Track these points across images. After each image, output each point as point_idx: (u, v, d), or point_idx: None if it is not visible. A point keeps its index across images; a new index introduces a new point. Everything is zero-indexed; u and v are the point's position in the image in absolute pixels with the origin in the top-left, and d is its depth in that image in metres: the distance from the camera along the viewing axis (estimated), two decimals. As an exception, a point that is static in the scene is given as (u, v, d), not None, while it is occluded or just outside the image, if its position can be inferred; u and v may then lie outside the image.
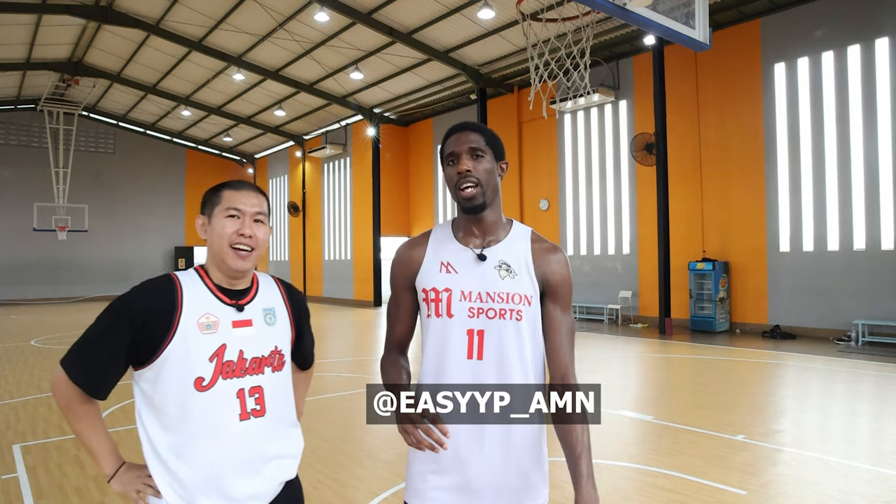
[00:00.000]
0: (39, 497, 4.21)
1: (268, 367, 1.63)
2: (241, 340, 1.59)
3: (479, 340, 1.61)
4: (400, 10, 14.54)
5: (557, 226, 16.94)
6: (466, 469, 1.58)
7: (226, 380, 1.55)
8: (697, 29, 3.93)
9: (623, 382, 8.38)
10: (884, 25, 11.13)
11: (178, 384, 1.51)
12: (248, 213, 1.63)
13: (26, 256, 25.32)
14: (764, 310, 12.78)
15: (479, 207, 1.66)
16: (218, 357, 1.54)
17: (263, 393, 1.60)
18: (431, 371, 1.64)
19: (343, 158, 24.11)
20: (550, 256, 1.70)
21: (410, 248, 1.74)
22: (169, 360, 1.51)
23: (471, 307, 1.62)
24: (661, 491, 4.16)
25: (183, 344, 1.52)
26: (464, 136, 1.67)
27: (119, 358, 1.52)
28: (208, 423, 1.52)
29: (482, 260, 1.66)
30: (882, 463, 4.70)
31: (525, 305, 1.64)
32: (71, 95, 23.29)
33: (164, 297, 1.54)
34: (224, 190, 1.65)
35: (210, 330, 1.55)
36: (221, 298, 1.61)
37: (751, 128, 12.94)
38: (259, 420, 1.59)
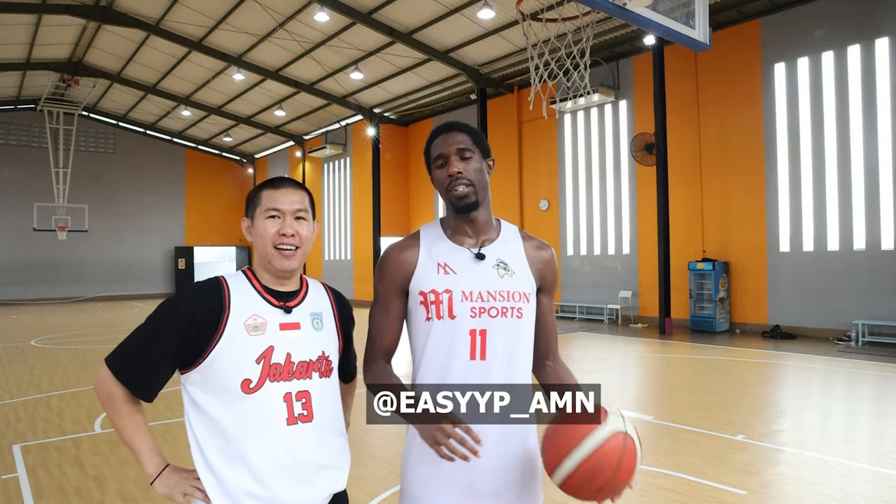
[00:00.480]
0: (39, 497, 4.21)
1: (315, 371, 1.59)
2: (289, 343, 1.56)
3: (481, 340, 1.59)
4: (400, 10, 14.54)
5: (557, 226, 16.94)
6: (469, 471, 1.55)
7: (273, 382, 1.52)
8: (697, 29, 3.93)
9: (623, 382, 8.37)
10: (884, 25, 11.13)
11: (225, 386, 1.49)
12: (288, 212, 1.60)
13: (26, 256, 25.32)
14: (764, 310, 12.78)
15: (473, 206, 1.65)
16: (265, 359, 1.52)
17: (311, 398, 1.57)
18: (434, 374, 1.61)
19: (343, 158, 24.11)
20: (543, 253, 1.73)
21: (401, 250, 1.69)
22: (216, 362, 1.50)
23: (472, 307, 1.60)
24: (661, 491, 4.16)
25: (230, 345, 1.50)
26: (450, 137, 1.66)
27: (166, 360, 1.50)
28: (256, 426, 1.50)
29: (481, 259, 1.65)
30: (882, 463, 4.70)
31: (524, 303, 1.64)
32: (71, 95, 23.29)
33: (211, 298, 1.54)
34: (263, 190, 1.63)
35: (257, 332, 1.53)
36: (269, 300, 1.59)
37: (751, 128, 12.94)
38: (307, 426, 1.55)
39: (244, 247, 31.52)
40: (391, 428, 6.05)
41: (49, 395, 7.58)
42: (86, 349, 11.68)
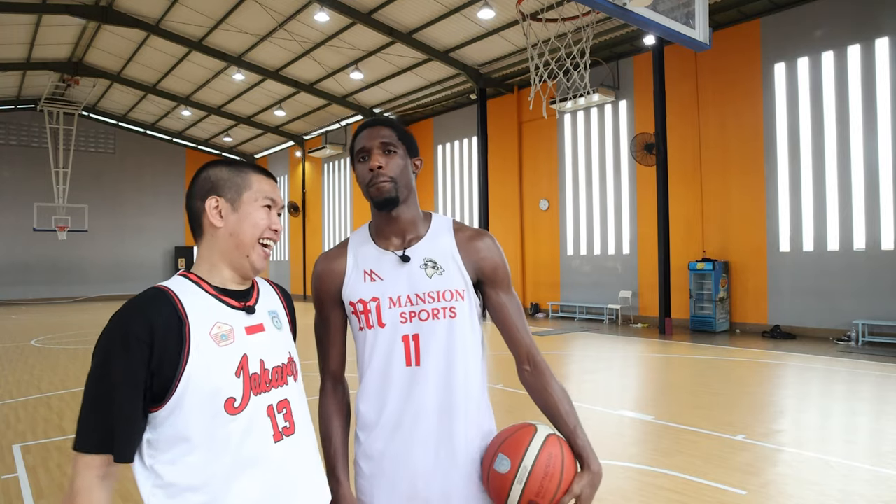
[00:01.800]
0: (39, 497, 4.21)
1: (290, 376, 1.40)
2: (259, 348, 1.33)
3: (415, 345, 1.55)
4: (400, 10, 14.54)
5: (557, 226, 16.94)
6: (414, 478, 1.54)
7: (257, 395, 1.29)
8: (697, 29, 3.93)
9: (623, 382, 8.37)
10: (884, 25, 11.13)
11: (205, 413, 1.22)
12: (278, 205, 1.42)
13: (26, 256, 25.33)
14: (764, 310, 12.78)
15: (393, 202, 1.56)
16: (244, 370, 1.28)
17: (290, 407, 1.37)
18: (372, 384, 1.58)
19: (343, 158, 24.11)
20: (477, 244, 1.62)
21: (330, 260, 1.64)
22: (191, 384, 1.21)
23: (402, 312, 1.56)
24: (661, 491, 4.16)
25: (202, 362, 1.22)
26: (375, 130, 1.59)
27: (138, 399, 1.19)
28: (248, 451, 1.25)
29: (406, 261, 1.58)
30: (882, 463, 4.70)
31: (458, 301, 1.57)
32: (71, 95, 23.29)
33: (163, 311, 1.23)
34: (251, 173, 1.40)
35: (226, 341, 1.28)
36: (228, 302, 1.34)
37: (751, 128, 12.94)
38: (291, 439, 1.34)
39: (244, 247, 31.50)
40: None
41: (49, 395, 7.58)
42: (86, 349, 11.67)
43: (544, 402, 1.61)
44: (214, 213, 1.35)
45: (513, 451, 1.49)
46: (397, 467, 1.55)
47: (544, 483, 1.45)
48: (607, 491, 4.16)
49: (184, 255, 28.93)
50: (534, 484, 1.44)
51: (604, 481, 4.55)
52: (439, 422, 1.55)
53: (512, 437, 1.52)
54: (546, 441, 1.50)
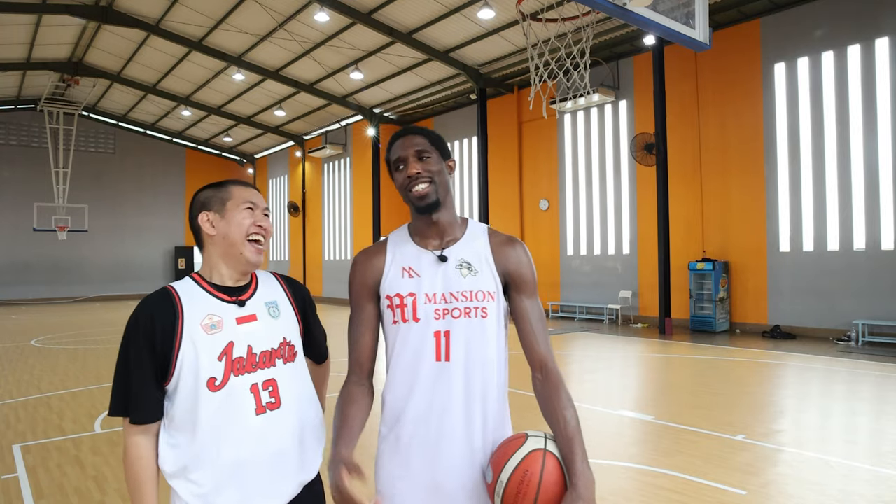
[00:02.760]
0: (39, 497, 4.21)
1: (279, 359, 1.64)
2: (248, 336, 1.60)
3: (445, 342, 1.60)
4: (400, 10, 14.54)
5: (557, 226, 16.94)
6: (437, 471, 1.58)
7: (238, 376, 1.56)
8: (697, 29, 3.93)
9: (623, 382, 8.37)
10: (884, 25, 11.13)
11: (192, 389, 1.52)
12: (260, 207, 1.68)
13: (26, 256, 25.32)
14: (764, 310, 12.78)
15: (434, 205, 1.65)
16: (227, 355, 1.55)
17: (278, 385, 1.61)
18: (400, 376, 1.63)
19: (343, 158, 24.11)
20: (509, 249, 1.70)
21: (370, 256, 1.72)
22: (183, 367, 1.53)
23: (436, 309, 1.62)
24: (661, 491, 4.16)
25: (192, 348, 1.53)
26: (408, 140, 1.68)
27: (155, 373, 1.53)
28: (225, 421, 1.53)
29: (443, 261, 1.66)
30: (882, 463, 4.70)
31: (489, 302, 1.64)
32: (71, 95, 23.29)
33: (163, 307, 1.56)
34: (231, 186, 1.69)
35: (215, 330, 1.57)
36: (221, 297, 1.62)
37: (751, 128, 12.94)
38: (276, 412, 1.60)
39: (244, 247, 31.49)
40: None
41: (49, 395, 7.58)
42: (86, 349, 11.67)
43: (547, 409, 1.61)
44: (207, 224, 1.65)
45: (496, 462, 1.49)
46: (422, 460, 1.59)
47: (517, 500, 1.42)
48: (608, 491, 4.16)
49: (184, 256, 28.93)
50: (508, 499, 1.43)
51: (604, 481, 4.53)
52: (464, 417, 1.59)
53: (501, 448, 1.53)
54: (526, 457, 1.46)
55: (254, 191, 1.70)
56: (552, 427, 1.58)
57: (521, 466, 1.45)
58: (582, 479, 1.44)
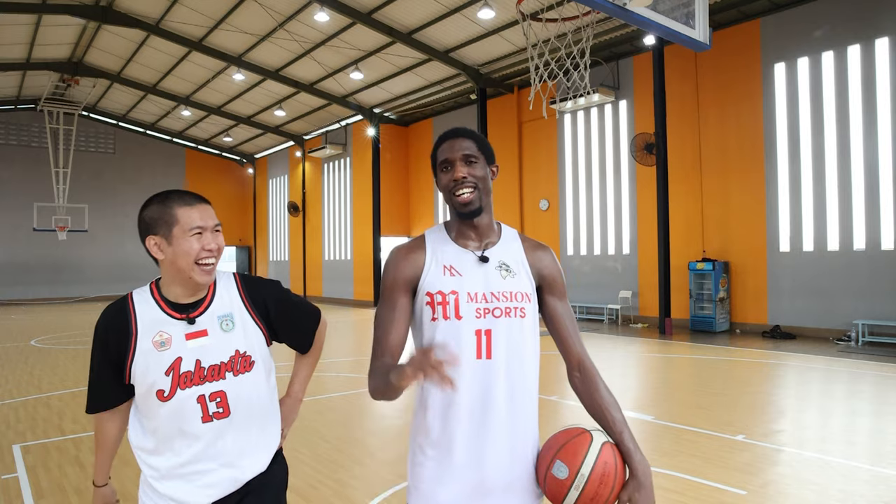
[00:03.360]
0: (39, 497, 4.21)
1: (229, 371, 1.71)
2: (197, 351, 1.68)
3: (486, 340, 1.63)
4: (400, 10, 14.54)
5: (557, 226, 16.94)
6: (482, 469, 1.60)
7: (184, 389, 1.66)
8: (697, 29, 3.93)
9: (623, 382, 8.37)
10: (884, 25, 11.13)
11: (145, 395, 1.67)
12: (209, 228, 1.68)
13: (26, 256, 25.31)
14: (764, 310, 12.78)
15: (477, 212, 1.69)
16: (174, 370, 1.65)
17: (226, 396, 1.70)
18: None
19: (343, 158, 24.11)
20: (541, 253, 1.79)
21: (409, 251, 1.73)
22: (136, 377, 1.66)
23: (477, 308, 1.64)
24: (661, 491, 4.16)
25: (143, 362, 1.65)
26: (457, 143, 1.71)
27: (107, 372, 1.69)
28: (173, 428, 1.67)
29: (484, 261, 1.70)
30: (882, 463, 4.70)
31: (527, 303, 1.69)
32: (71, 95, 23.29)
33: (119, 322, 1.67)
34: (176, 208, 1.66)
35: (164, 347, 1.66)
36: (171, 314, 1.70)
37: (751, 128, 12.95)
38: (223, 421, 1.70)
39: (244, 247, 31.53)
40: (391, 428, 6.05)
41: (49, 395, 7.58)
42: (86, 349, 11.67)
43: (593, 407, 1.72)
44: (155, 249, 1.68)
45: (571, 458, 1.56)
46: (468, 457, 1.61)
47: (599, 490, 1.53)
48: (607, 491, 4.16)
49: (184, 255, 28.89)
50: (590, 490, 1.53)
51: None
52: (507, 415, 1.63)
53: (569, 443, 1.60)
54: (602, 449, 1.57)
55: (202, 208, 1.68)
56: (601, 422, 1.69)
57: (601, 458, 1.55)
58: (641, 467, 1.58)
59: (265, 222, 30.21)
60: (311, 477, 4.48)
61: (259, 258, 30.83)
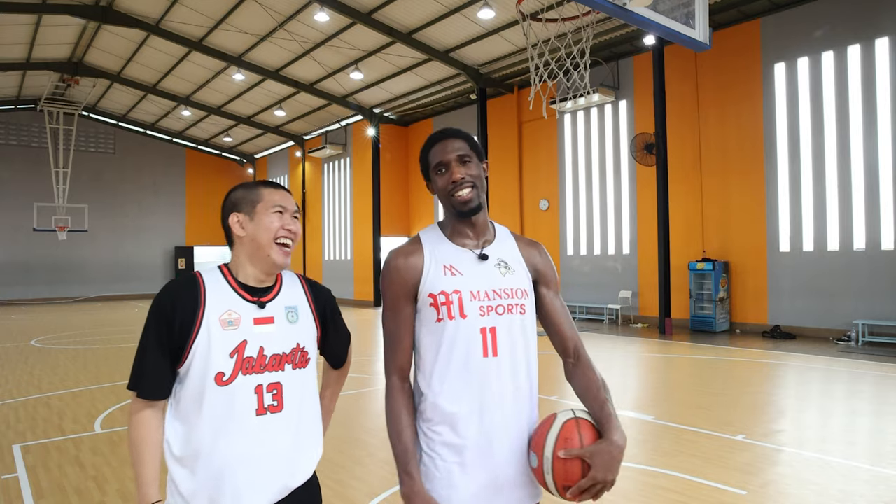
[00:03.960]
0: (39, 497, 4.21)
1: (288, 364, 1.67)
2: (262, 337, 1.63)
3: (492, 337, 1.64)
4: (400, 10, 14.54)
5: (557, 226, 16.94)
6: (494, 466, 1.61)
7: (245, 375, 1.60)
8: (697, 29, 3.93)
9: (623, 382, 8.37)
10: (884, 25, 11.13)
11: (200, 379, 1.57)
12: (289, 210, 1.71)
13: (26, 256, 25.32)
14: (764, 310, 12.78)
15: (476, 210, 1.70)
16: (239, 353, 1.59)
17: (282, 389, 1.64)
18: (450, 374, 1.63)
19: (343, 158, 24.11)
20: (533, 249, 1.81)
21: (406, 255, 1.71)
22: (196, 356, 1.58)
23: (481, 306, 1.65)
24: (662, 491, 4.16)
25: (206, 339, 1.58)
26: (448, 144, 1.71)
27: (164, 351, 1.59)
28: (226, 416, 1.57)
29: (484, 259, 1.71)
30: (882, 463, 4.70)
31: (526, 299, 1.71)
32: (71, 95, 23.29)
33: (188, 294, 1.62)
34: (262, 188, 1.72)
35: (232, 326, 1.61)
36: (243, 296, 1.66)
37: (751, 128, 12.94)
38: (276, 415, 1.63)
39: (244, 247, 31.47)
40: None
41: (49, 395, 7.58)
42: (86, 349, 11.67)
43: (582, 383, 1.71)
44: (237, 226, 1.69)
45: (536, 445, 1.58)
46: (479, 456, 1.61)
47: (567, 467, 1.51)
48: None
49: (184, 256, 28.92)
50: (559, 470, 1.52)
51: (604, 481, 4.41)
52: (514, 411, 1.65)
53: (536, 431, 1.62)
54: (563, 426, 1.56)
55: (284, 193, 1.73)
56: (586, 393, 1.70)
57: (560, 436, 1.54)
58: (617, 432, 1.56)
59: (265, 222, 30.17)
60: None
61: (259, 258, 30.79)
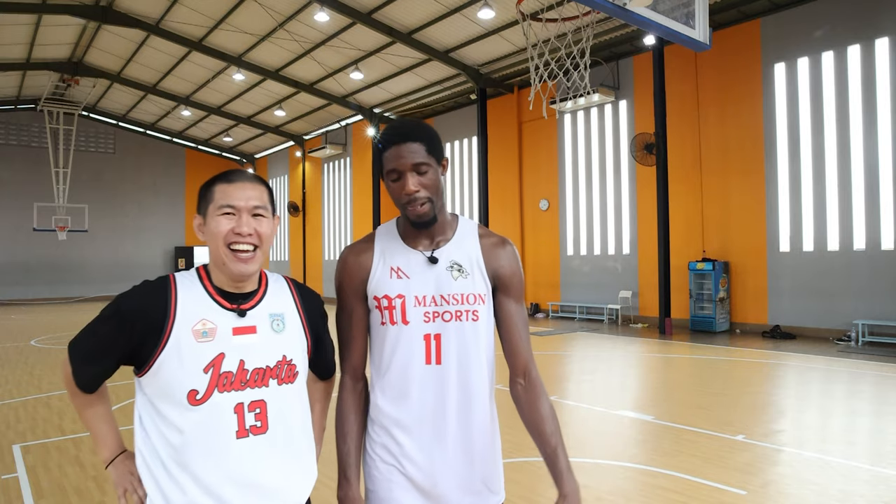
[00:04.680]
0: (39, 497, 4.21)
1: (273, 378, 1.47)
2: (243, 349, 1.43)
3: (436, 345, 1.57)
4: (400, 10, 14.54)
5: (557, 226, 16.94)
6: (433, 475, 1.57)
7: (222, 393, 1.40)
8: (697, 29, 3.93)
9: (623, 382, 8.37)
10: (884, 25, 11.13)
11: (171, 396, 1.39)
12: (244, 209, 1.44)
13: (26, 256, 25.33)
14: (764, 310, 12.77)
15: (431, 222, 1.59)
16: (214, 367, 1.39)
17: (266, 408, 1.44)
18: (392, 380, 1.59)
19: (343, 158, 24.11)
20: (499, 251, 1.66)
21: (357, 254, 1.65)
22: (162, 370, 1.39)
23: (426, 312, 1.58)
24: (662, 491, 4.16)
25: (176, 353, 1.38)
26: (403, 149, 1.53)
27: (109, 357, 1.44)
28: (201, 440, 1.38)
29: (434, 262, 1.61)
30: (882, 463, 4.70)
31: (480, 304, 1.61)
32: (71, 95, 23.29)
33: (156, 300, 1.42)
34: (216, 184, 1.48)
35: (206, 338, 1.41)
36: (220, 303, 1.46)
37: (751, 128, 12.94)
38: (260, 437, 1.43)
39: (244, 247, 31.50)
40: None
41: (49, 395, 7.58)
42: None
43: (531, 418, 1.63)
44: (198, 231, 1.51)
45: None
46: (417, 463, 1.57)
47: None
48: (607, 491, 4.16)
49: (184, 256, 28.93)
50: None
51: (604, 481, 4.53)
52: (458, 421, 1.58)
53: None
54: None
55: (241, 186, 1.46)
56: (535, 433, 1.61)
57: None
58: (569, 486, 1.53)
59: (265, 222, 30.20)
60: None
61: (259, 258, 30.82)
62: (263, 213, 1.48)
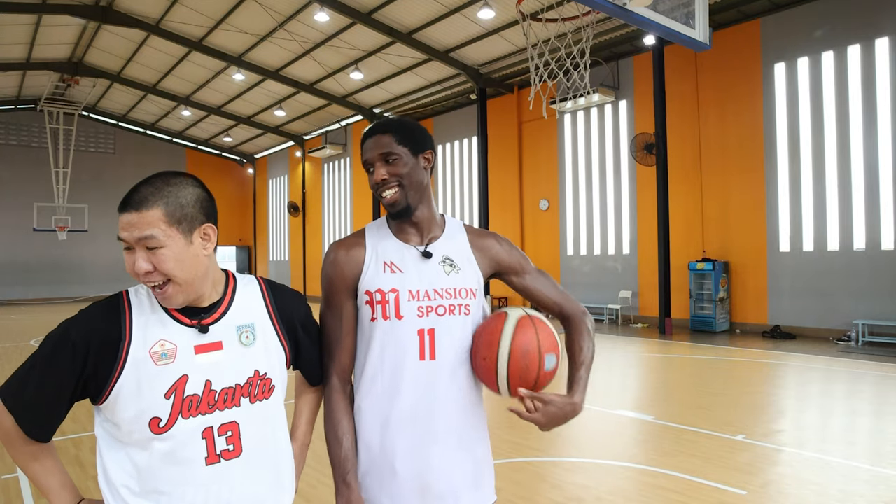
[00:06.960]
0: (39, 497, 4.21)
1: (245, 397, 1.35)
2: (208, 369, 1.31)
3: (430, 340, 1.56)
4: (400, 10, 14.54)
5: (557, 226, 16.94)
6: (427, 473, 1.54)
7: (187, 419, 1.29)
8: (697, 29, 3.93)
9: (623, 382, 8.37)
10: (884, 25, 11.13)
11: (130, 424, 1.27)
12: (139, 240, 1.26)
13: (26, 256, 25.33)
14: (764, 310, 12.77)
15: (405, 211, 1.59)
16: (177, 391, 1.28)
17: (239, 430, 1.34)
18: (382, 377, 1.56)
19: (343, 158, 24.11)
20: (488, 241, 1.71)
21: (348, 248, 1.63)
22: (121, 398, 1.26)
23: (420, 306, 1.56)
24: (662, 491, 4.16)
25: (134, 379, 1.26)
26: (374, 140, 1.59)
27: (62, 395, 1.27)
28: (168, 470, 1.28)
29: (427, 257, 1.61)
30: (882, 463, 4.70)
31: (472, 299, 1.62)
32: (71, 95, 23.29)
33: (107, 323, 1.28)
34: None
35: (166, 360, 1.28)
36: (179, 319, 1.33)
37: (751, 128, 12.94)
38: (233, 462, 1.33)
39: (244, 247, 31.53)
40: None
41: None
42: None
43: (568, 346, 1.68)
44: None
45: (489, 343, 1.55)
46: (410, 463, 1.54)
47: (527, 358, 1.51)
48: (607, 491, 4.16)
49: (184, 255, 28.91)
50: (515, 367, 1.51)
51: (604, 481, 4.52)
52: (453, 417, 1.57)
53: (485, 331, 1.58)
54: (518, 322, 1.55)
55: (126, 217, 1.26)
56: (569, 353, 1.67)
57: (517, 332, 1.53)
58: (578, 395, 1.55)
59: (265, 222, 30.22)
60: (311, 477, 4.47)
61: (259, 258, 30.84)
62: (157, 242, 1.25)
